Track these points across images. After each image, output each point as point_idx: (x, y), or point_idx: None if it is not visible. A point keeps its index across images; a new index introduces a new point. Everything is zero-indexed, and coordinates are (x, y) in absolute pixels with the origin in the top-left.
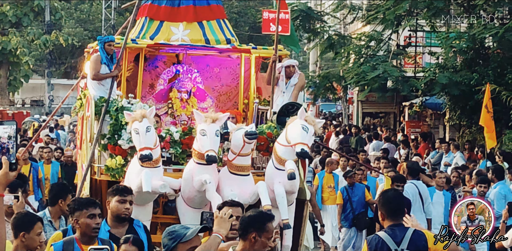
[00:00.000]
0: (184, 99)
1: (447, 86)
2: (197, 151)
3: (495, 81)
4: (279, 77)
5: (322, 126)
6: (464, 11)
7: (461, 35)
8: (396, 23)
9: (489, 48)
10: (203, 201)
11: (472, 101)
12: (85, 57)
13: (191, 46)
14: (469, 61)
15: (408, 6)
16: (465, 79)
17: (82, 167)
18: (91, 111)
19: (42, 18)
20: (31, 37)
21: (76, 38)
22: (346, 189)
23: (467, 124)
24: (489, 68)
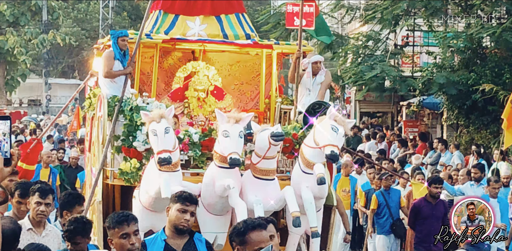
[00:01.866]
0: (201, 99)
1: (444, 86)
2: (219, 153)
3: (493, 81)
4: (304, 74)
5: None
6: (461, 10)
7: (458, 35)
8: (394, 23)
9: (487, 48)
10: (225, 207)
11: (469, 101)
12: (95, 54)
13: (210, 41)
14: (467, 61)
15: (405, 5)
16: (462, 79)
17: (92, 170)
18: (104, 111)
19: (40, 17)
20: (29, 37)
21: (73, 38)
22: (382, 193)
23: (465, 124)
24: (487, 68)
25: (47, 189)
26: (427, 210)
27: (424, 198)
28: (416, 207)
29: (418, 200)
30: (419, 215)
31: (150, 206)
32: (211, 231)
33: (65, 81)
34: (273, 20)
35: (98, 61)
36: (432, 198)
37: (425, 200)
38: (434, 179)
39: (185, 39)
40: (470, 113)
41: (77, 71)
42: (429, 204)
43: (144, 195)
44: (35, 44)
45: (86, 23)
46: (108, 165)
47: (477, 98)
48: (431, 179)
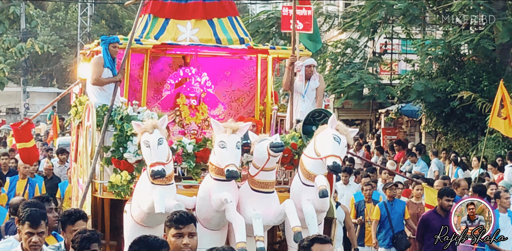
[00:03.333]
0: (193, 106)
1: (422, 94)
2: (215, 165)
3: (471, 88)
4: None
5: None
6: (439, 18)
7: (436, 43)
8: (372, 31)
9: (465, 55)
10: (221, 222)
11: (448, 109)
12: (81, 60)
13: (203, 46)
14: (445, 69)
15: (383, 13)
16: (440, 86)
17: (78, 182)
18: (92, 121)
19: (18, 26)
20: (7, 45)
21: (51, 46)
22: (385, 204)
23: (443, 131)
24: (465, 75)
25: (38, 215)
26: (436, 223)
27: (433, 210)
28: (425, 220)
29: (427, 213)
30: (428, 228)
31: (143, 221)
32: (208, 247)
33: (43, 90)
34: (251, 28)
35: (85, 68)
36: (443, 211)
37: (435, 213)
38: (446, 190)
39: (176, 44)
40: (448, 121)
41: (55, 79)
42: (439, 217)
43: (136, 209)
44: (13, 53)
45: (64, 32)
46: (97, 177)
47: (455, 106)
48: (443, 190)
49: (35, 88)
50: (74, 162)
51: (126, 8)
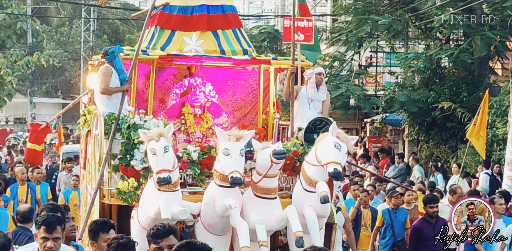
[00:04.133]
0: (198, 115)
1: (405, 104)
2: (220, 172)
3: (451, 99)
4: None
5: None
6: (421, 33)
7: (418, 56)
8: (358, 45)
9: (445, 68)
10: (226, 227)
11: (429, 118)
12: (89, 70)
13: (207, 57)
14: (426, 80)
15: (369, 28)
16: (422, 97)
17: (87, 188)
18: (100, 129)
19: (25, 40)
20: (14, 58)
21: (56, 59)
22: (389, 212)
23: (425, 139)
24: (445, 87)
25: (54, 220)
26: (428, 231)
27: (423, 218)
28: (417, 228)
29: (417, 221)
30: (421, 237)
31: (149, 226)
32: None
33: (49, 101)
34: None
35: (93, 78)
36: (431, 218)
37: (424, 221)
38: (429, 198)
39: (182, 55)
40: (430, 130)
41: (60, 91)
42: (430, 224)
43: (143, 215)
44: (20, 66)
45: (68, 46)
46: (105, 184)
47: (436, 115)
48: (425, 198)
49: (41, 99)
50: (83, 169)
51: (126, 24)
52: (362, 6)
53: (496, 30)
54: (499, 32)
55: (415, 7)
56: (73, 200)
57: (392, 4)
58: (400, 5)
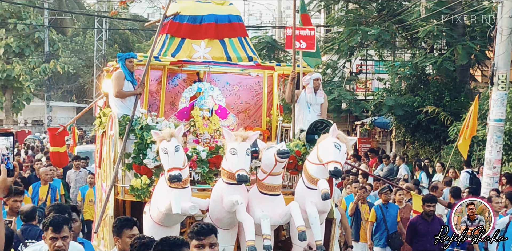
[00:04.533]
0: (206, 117)
1: (393, 108)
2: (227, 170)
3: (435, 103)
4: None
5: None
6: (407, 43)
7: (405, 64)
8: (349, 53)
9: (429, 75)
10: (232, 221)
11: (415, 121)
12: (104, 76)
13: (215, 63)
14: (412, 86)
15: (359, 38)
16: (408, 101)
17: (102, 185)
18: (115, 130)
19: (42, 49)
20: (32, 65)
21: (71, 66)
22: (380, 207)
23: (411, 140)
24: (430, 92)
25: (60, 220)
26: (423, 227)
27: (420, 215)
28: (413, 224)
29: (414, 218)
30: (416, 232)
31: (161, 221)
32: (220, 244)
33: (64, 104)
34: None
35: (108, 82)
36: (427, 216)
37: (421, 218)
38: (428, 198)
39: (191, 61)
40: (415, 132)
41: (75, 95)
42: (425, 221)
43: (154, 210)
44: (38, 72)
45: (82, 54)
46: (120, 181)
47: (421, 119)
48: (424, 198)
49: (57, 103)
50: (98, 167)
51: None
52: (353, 18)
53: (476, 40)
54: (479, 42)
55: (401, 19)
56: (89, 196)
57: (381, 16)
58: (388, 17)
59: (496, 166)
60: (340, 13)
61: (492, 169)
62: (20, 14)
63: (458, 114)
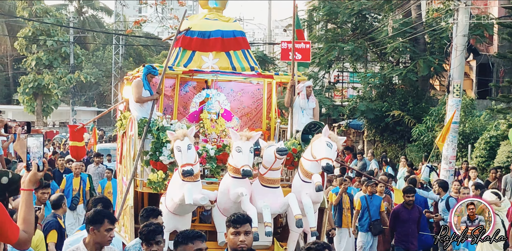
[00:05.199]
0: (214, 120)
1: (365, 112)
2: (233, 166)
3: (400, 108)
4: (300, 95)
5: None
6: (377, 57)
7: (375, 75)
8: (328, 66)
9: (396, 84)
10: (237, 211)
11: (383, 123)
12: (125, 83)
13: (221, 72)
14: (381, 94)
15: (336, 53)
16: (378, 107)
17: (123, 179)
18: (134, 131)
19: (68, 61)
20: (60, 76)
21: (92, 76)
22: (365, 198)
23: (380, 139)
24: (396, 99)
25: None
26: (404, 214)
27: (402, 204)
28: (396, 212)
29: (397, 207)
30: (398, 219)
31: (175, 210)
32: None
33: (86, 109)
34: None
35: (128, 89)
36: (408, 205)
37: (403, 206)
38: (407, 189)
39: (201, 71)
40: (384, 132)
41: (95, 101)
42: (406, 209)
43: (169, 201)
44: (64, 81)
45: (102, 66)
46: (138, 175)
47: (388, 121)
48: (404, 189)
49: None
50: (119, 163)
51: (148, 49)
52: (331, 36)
53: (435, 55)
54: (437, 57)
55: (372, 37)
56: (108, 188)
57: (355, 34)
58: (361, 35)
59: (452, 161)
60: (320, 32)
61: (448, 164)
62: (49, 32)
63: (419, 117)
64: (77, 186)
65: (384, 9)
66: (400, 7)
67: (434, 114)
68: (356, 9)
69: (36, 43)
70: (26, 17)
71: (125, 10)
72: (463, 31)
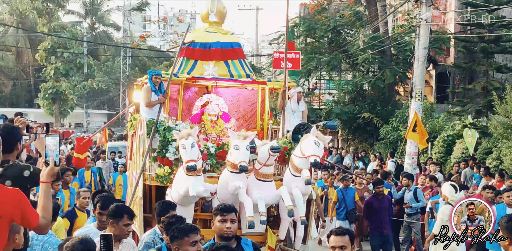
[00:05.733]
0: (213, 121)
1: (339, 114)
2: (231, 162)
3: (370, 111)
4: (292, 100)
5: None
6: (350, 67)
7: (348, 82)
8: (307, 75)
9: (366, 91)
10: (235, 202)
11: (355, 124)
12: (134, 89)
13: (221, 79)
14: (353, 99)
15: (315, 63)
16: (350, 110)
17: (133, 173)
18: (144, 131)
19: (82, 71)
20: (75, 83)
21: (103, 84)
22: (341, 190)
23: (352, 138)
24: (366, 103)
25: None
26: (376, 204)
27: (373, 195)
28: (369, 202)
29: (369, 197)
30: (371, 208)
31: (180, 201)
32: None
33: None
34: None
35: (138, 94)
36: (378, 195)
37: (374, 197)
38: (376, 181)
39: (202, 77)
40: (356, 132)
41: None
42: (377, 199)
43: (175, 193)
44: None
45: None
46: (147, 170)
47: (360, 122)
48: (374, 181)
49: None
50: (129, 159)
51: (151, 60)
52: (310, 49)
53: (400, 65)
54: (402, 67)
55: (346, 50)
56: (119, 181)
57: (331, 47)
58: (336, 48)
59: (414, 157)
60: (300, 45)
61: (411, 159)
62: (66, 45)
63: (386, 119)
64: (89, 178)
65: (356, 25)
66: (370, 23)
67: (399, 116)
68: (332, 25)
69: (54, 55)
70: (46, 32)
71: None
72: (424, 44)
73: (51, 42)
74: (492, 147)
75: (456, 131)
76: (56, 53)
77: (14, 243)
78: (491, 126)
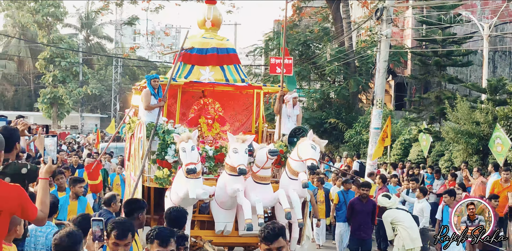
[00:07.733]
0: (210, 124)
1: (308, 120)
2: (230, 165)
3: (335, 117)
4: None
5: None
6: (318, 77)
7: (316, 91)
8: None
9: (332, 98)
10: (233, 204)
11: (322, 128)
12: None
13: (217, 84)
14: (321, 106)
15: None
16: (318, 115)
17: (131, 174)
18: (143, 133)
19: (78, 78)
20: (71, 89)
21: (97, 90)
22: (342, 193)
23: None
24: (332, 109)
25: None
26: (359, 207)
27: (357, 197)
28: (351, 204)
29: (353, 199)
30: (353, 210)
31: (178, 203)
32: (223, 221)
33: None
34: None
35: (137, 98)
36: (363, 198)
37: (358, 199)
38: (363, 183)
39: (199, 82)
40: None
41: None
42: (361, 202)
43: (174, 195)
44: (75, 94)
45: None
46: (146, 172)
47: (326, 127)
48: (361, 183)
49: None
50: (127, 161)
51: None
52: None
53: (363, 76)
54: (364, 77)
55: (314, 61)
56: (116, 181)
57: (301, 59)
58: (306, 60)
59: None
60: None
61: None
62: (63, 55)
63: (350, 124)
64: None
65: (323, 40)
66: (336, 38)
67: (361, 122)
68: (302, 39)
69: (52, 63)
70: (45, 43)
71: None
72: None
73: (50, 52)
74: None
75: (412, 135)
76: (54, 62)
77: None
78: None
